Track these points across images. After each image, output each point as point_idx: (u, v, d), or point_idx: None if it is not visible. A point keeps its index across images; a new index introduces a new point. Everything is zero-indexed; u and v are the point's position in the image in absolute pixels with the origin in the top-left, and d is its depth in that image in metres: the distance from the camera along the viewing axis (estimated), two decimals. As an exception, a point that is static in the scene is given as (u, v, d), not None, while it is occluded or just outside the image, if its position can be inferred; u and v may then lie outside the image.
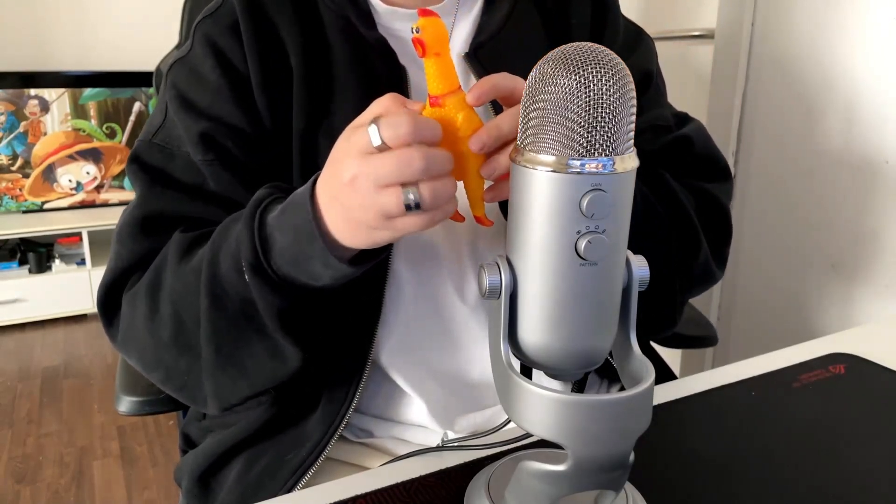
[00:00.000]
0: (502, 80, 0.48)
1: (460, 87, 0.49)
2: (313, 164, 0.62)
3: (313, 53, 0.63)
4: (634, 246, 0.56)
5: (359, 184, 0.44)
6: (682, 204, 0.65)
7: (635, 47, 0.74)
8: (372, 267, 0.53)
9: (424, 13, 0.47)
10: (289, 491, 0.63)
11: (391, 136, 0.43)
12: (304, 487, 0.63)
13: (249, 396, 0.60)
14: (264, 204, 0.53)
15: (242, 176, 0.62)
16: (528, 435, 0.53)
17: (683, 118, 0.75)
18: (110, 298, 0.64)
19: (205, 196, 0.62)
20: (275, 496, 0.62)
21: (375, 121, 0.44)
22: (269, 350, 0.56)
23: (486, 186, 0.51)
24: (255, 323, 0.54)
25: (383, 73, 0.64)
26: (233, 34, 0.62)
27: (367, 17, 0.65)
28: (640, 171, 0.60)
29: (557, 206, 0.38)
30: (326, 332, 0.60)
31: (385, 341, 0.65)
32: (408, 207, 0.44)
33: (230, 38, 0.62)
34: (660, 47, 0.79)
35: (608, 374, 0.77)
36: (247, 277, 0.52)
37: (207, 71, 0.62)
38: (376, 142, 0.44)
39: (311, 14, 0.64)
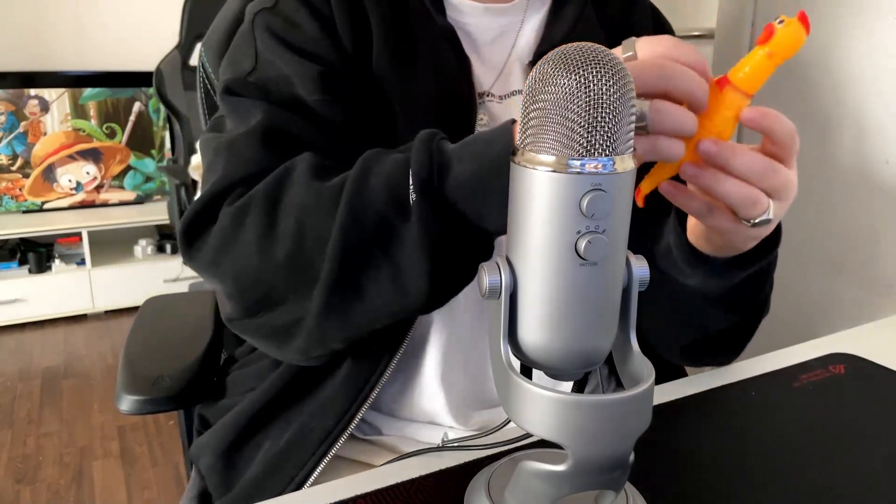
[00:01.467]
0: (780, 124, 0.46)
1: (752, 96, 0.46)
2: (392, 127, 0.62)
3: (393, 24, 0.65)
4: (760, 292, 0.58)
5: None
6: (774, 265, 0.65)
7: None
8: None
9: (803, 19, 0.45)
10: (317, 462, 0.62)
11: (645, 49, 0.43)
12: (322, 471, 0.63)
13: (353, 335, 0.57)
14: (440, 136, 0.52)
15: (355, 115, 0.62)
16: (528, 435, 0.53)
17: None
18: (206, 213, 0.58)
19: (321, 127, 0.61)
20: (304, 466, 0.62)
21: (634, 39, 0.44)
22: (393, 279, 0.52)
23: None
24: (386, 249, 0.52)
25: (452, 58, 0.66)
26: None
27: (440, 5, 0.67)
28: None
29: (557, 206, 0.38)
30: (452, 288, 0.56)
31: (433, 318, 0.66)
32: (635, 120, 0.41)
33: None
34: (660, 47, 0.79)
35: (616, 372, 0.77)
36: (412, 197, 0.50)
37: (304, 20, 0.63)
38: (627, 52, 0.43)
39: None
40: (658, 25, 0.76)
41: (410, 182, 0.50)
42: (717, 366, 0.71)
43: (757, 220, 0.48)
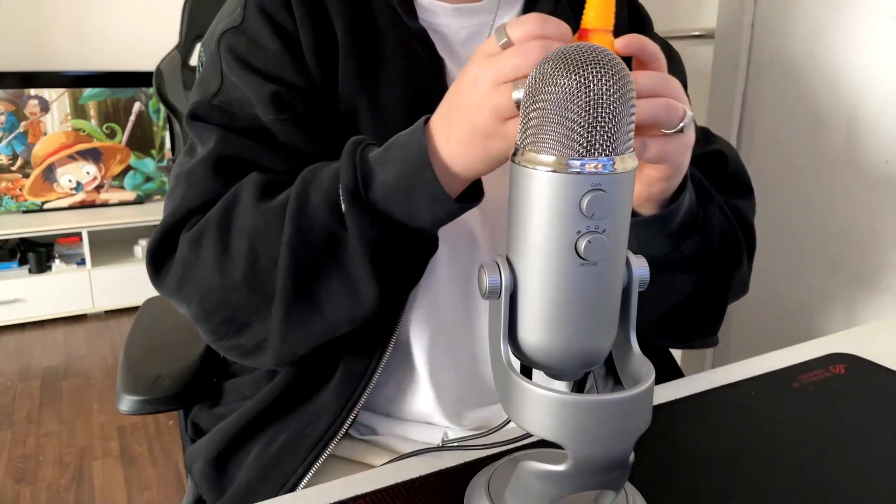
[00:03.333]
0: (651, 45, 0.49)
1: (612, 30, 0.49)
2: (356, 134, 0.63)
3: (361, 34, 0.65)
4: (706, 254, 0.59)
5: (479, 83, 0.46)
6: (729, 215, 0.66)
7: (670, 61, 0.76)
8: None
9: None
10: (308, 468, 0.63)
11: (516, 31, 0.45)
12: (315, 473, 0.63)
13: (316, 344, 0.59)
14: (364, 144, 0.54)
15: (311, 133, 0.63)
16: (528, 435, 0.53)
17: (707, 132, 0.77)
18: (167, 241, 0.62)
19: (276, 148, 0.63)
20: (294, 472, 0.63)
21: (504, 25, 0.46)
22: (346, 287, 0.55)
23: None
24: (337, 259, 0.55)
25: (425, 60, 0.66)
26: (285, 8, 0.64)
27: (410, 8, 0.67)
28: (703, 181, 0.61)
29: (557, 206, 0.38)
30: (401, 288, 0.60)
31: (413, 318, 0.66)
32: (518, 105, 0.44)
33: (283, 11, 0.64)
34: (660, 47, 0.79)
35: (615, 372, 0.77)
36: (343, 207, 0.53)
37: (266, 39, 0.64)
38: (501, 40, 0.46)
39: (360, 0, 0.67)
40: (636, 18, 0.75)
41: (340, 194, 0.53)
42: (705, 341, 0.71)
43: (684, 122, 0.49)
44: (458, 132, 0.49)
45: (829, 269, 1.27)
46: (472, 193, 0.53)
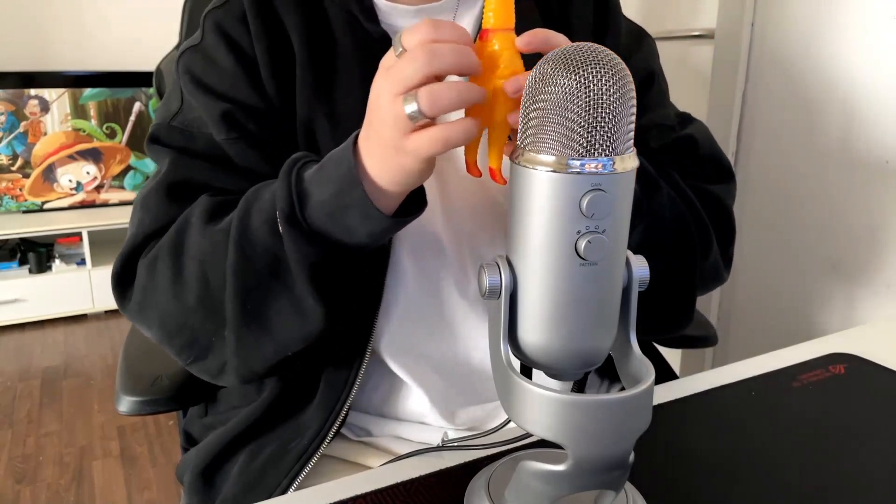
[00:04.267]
0: (554, 36, 0.48)
1: (514, 28, 0.48)
2: (315, 148, 0.63)
3: (317, 43, 0.65)
4: (658, 243, 0.56)
5: (380, 97, 0.46)
6: (695, 203, 0.66)
7: (638, 47, 0.74)
8: (372, 252, 0.55)
9: None
10: (291, 481, 0.63)
11: (408, 40, 0.44)
12: (304, 479, 0.63)
13: (273, 363, 0.60)
14: (301, 163, 0.54)
15: (264, 151, 0.63)
16: (528, 435, 0.53)
17: (686, 118, 0.75)
18: (128, 267, 0.63)
19: (230, 169, 0.63)
20: (279, 485, 0.63)
21: (400, 34, 0.45)
22: (294, 306, 0.56)
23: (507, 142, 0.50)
24: (281, 279, 0.55)
25: None
26: (241, 23, 0.64)
27: (370, 12, 0.66)
28: (649, 169, 0.61)
29: (557, 206, 0.38)
30: (345, 302, 0.60)
31: (385, 330, 0.66)
32: (412, 118, 0.44)
33: (239, 27, 0.64)
34: (660, 47, 0.79)
35: (609, 374, 0.77)
36: (280, 229, 0.53)
37: (221, 57, 0.64)
38: (397, 50, 0.45)
39: (315, 7, 0.66)
40: (602, 12, 0.72)
41: (277, 215, 0.53)
42: (679, 331, 0.70)
43: None
44: (375, 148, 0.49)
45: (828, 269, 1.27)
46: (412, 206, 0.53)
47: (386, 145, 0.47)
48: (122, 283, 0.63)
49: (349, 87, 0.64)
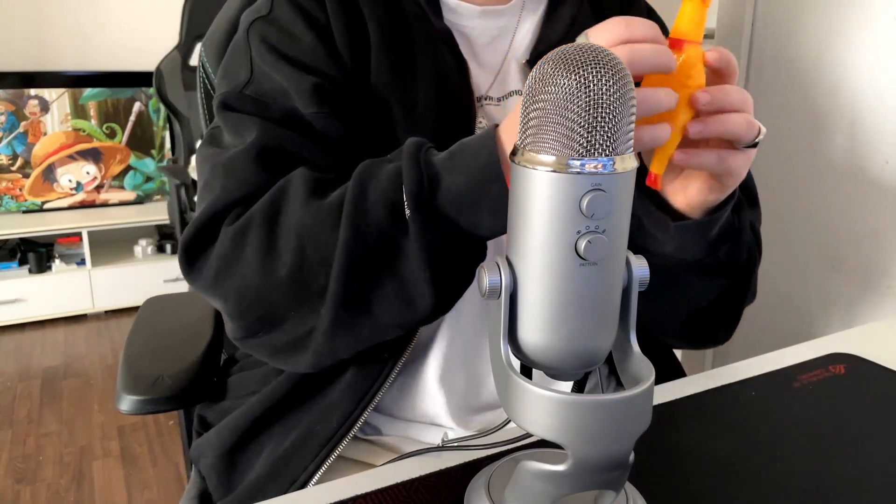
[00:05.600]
0: (734, 59, 0.49)
1: (701, 42, 0.49)
2: (390, 132, 0.63)
3: (392, 30, 0.65)
4: (736, 259, 0.61)
5: None
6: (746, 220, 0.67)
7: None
8: None
9: None
10: (318, 466, 0.63)
11: (600, 38, 0.44)
12: (323, 474, 0.63)
13: (363, 347, 0.58)
14: (426, 146, 0.53)
15: (350, 125, 0.62)
16: (528, 435, 0.53)
17: None
18: (204, 233, 0.59)
19: (316, 140, 0.61)
20: (305, 469, 0.63)
21: (587, 32, 0.45)
22: (400, 291, 0.54)
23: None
24: (393, 263, 0.53)
25: (450, 61, 0.66)
26: (316, 0, 0.64)
27: (436, 7, 0.67)
28: (751, 185, 0.62)
29: (557, 206, 0.38)
30: (454, 294, 0.58)
31: (439, 322, 0.66)
32: None
33: (314, 3, 0.64)
34: (660, 47, 0.79)
35: (616, 372, 0.77)
36: (407, 212, 0.51)
37: (300, 30, 0.63)
38: None
39: None
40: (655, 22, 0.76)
41: (404, 198, 0.51)
42: (717, 344, 0.72)
43: (758, 138, 0.50)
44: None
45: (828, 270, 1.27)
46: None
47: None
48: (194, 250, 0.59)
49: (423, 78, 0.64)
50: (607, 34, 0.45)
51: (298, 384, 0.66)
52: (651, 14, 0.78)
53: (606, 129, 0.37)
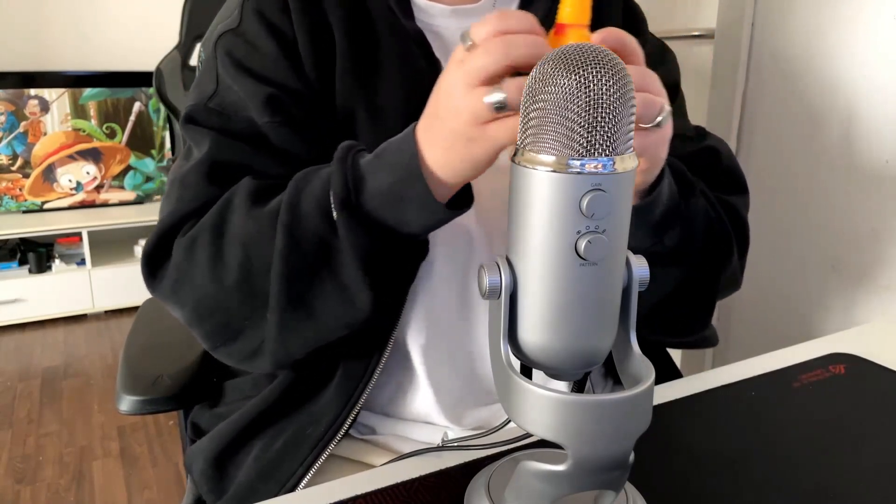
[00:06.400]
0: (629, 39, 0.49)
1: (588, 25, 0.49)
2: (354, 138, 0.63)
3: (359, 36, 0.65)
4: (690, 247, 0.60)
5: (453, 89, 0.46)
6: (719, 210, 0.67)
7: (662, 60, 0.76)
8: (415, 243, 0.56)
9: None
10: (307, 469, 0.63)
11: (479, 33, 0.45)
12: (314, 474, 0.63)
13: (312, 348, 0.60)
14: (355, 150, 0.54)
15: (306, 136, 0.63)
16: (528, 435, 0.53)
17: (702, 131, 0.77)
18: (162, 245, 0.62)
19: (270, 152, 0.63)
20: (294, 473, 0.63)
21: (468, 28, 0.46)
22: (340, 293, 0.55)
23: None
24: (329, 265, 0.55)
25: (422, 62, 0.66)
26: (282, 11, 0.64)
27: (407, 9, 0.67)
28: (686, 173, 0.62)
29: (557, 206, 0.38)
30: (395, 291, 0.60)
31: (410, 321, 0.66)
32: (497, 108, 0.44)
33: (280, 14, 0.64)
34: (660, 47, 0.79)
35: (614, 373, 0.77)
36: (334, 214, 0.53)
37: (263, 43, 0.64)
38: (466, 43, 0.46)
39: (359, 1, 0.66)
40: (630, 16, 0.75)
41: (331, 200, 0.53)
42: (704, 340, 0.72)
43: (661, 117, 0.49)
44: (439, 139, 0.49)
45: (828, 269, 1.27)
46: (462, 199, 0.53)
47: (456, 136, 0.47)
48: (155, 261, 0.63)
49: (390, 82, 0.64)
50: (483, 28, 0.46)
51: (289, 390, 0.67)
52: (627, 4, 0.76)
53: (606, 129, 0.37)
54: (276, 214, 0.56)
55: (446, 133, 0.48)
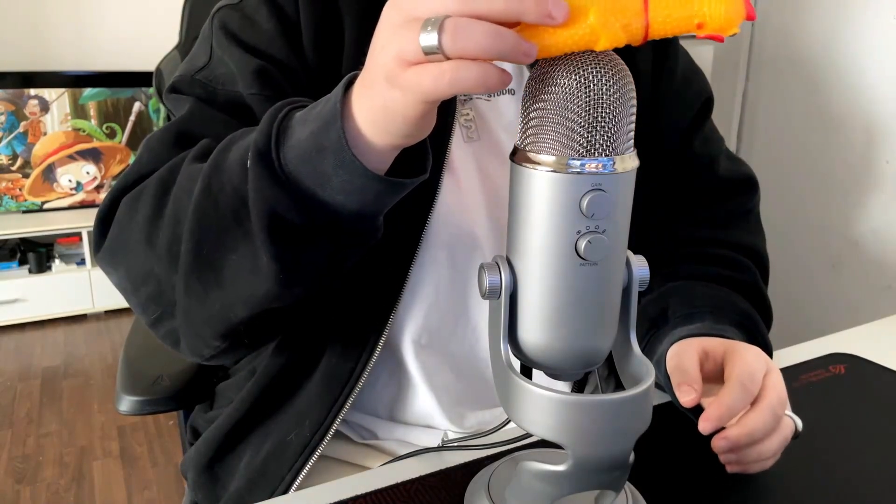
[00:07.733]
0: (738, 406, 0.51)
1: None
2: None
3: (371, 23, 0.63)
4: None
5: (389, 20, 0.39)
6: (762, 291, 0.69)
7: (694, 74, 0.77)
8: (398, 241, 0.53)
9: None
10: (295, 475, 0.63)
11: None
12: (308, 478, 0.63)
13: (217, 328, 0.52)
14: (299, 102, 0.47)
15: None
16: (528, 435, 0.53)
17: (730, 155, 0.78)
18: (114, 206, 0.57)
19: (251, 126, 0.57)
20: (282, 480, 0.63)
21: None
22: (249, 260, 0.48)
23: None
24: (244, 227, 0.47)
25: None
26: None
27: None
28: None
29: (557, 206, 0.38)
30: (314, 274, 0.51)
31: (407, 323, 0.65)
32: (426, 50, 0.35)
33: None
34: (660, 47, 0.79)
35: (615, 373, 0.77)
36: (248, 164, 0.45)
37: (262, 18, 0.62)
38: None
39: None
40: (660, 56, 0.74)
41: (249, 151, 0.46)
42: None
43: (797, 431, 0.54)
44: (365, 82, 0.41)
45: (829, 269, 1.27)
46: (414, 170, 0.45)
47: (375, 72, 0.39)
48: (105, 222, 0.58)
49: None
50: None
51: (266, 391, 0.65)
52: (658, 44, 0.74)
53: (606, 128, 0.37)
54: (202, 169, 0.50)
55: (371, 69, 0.40)
